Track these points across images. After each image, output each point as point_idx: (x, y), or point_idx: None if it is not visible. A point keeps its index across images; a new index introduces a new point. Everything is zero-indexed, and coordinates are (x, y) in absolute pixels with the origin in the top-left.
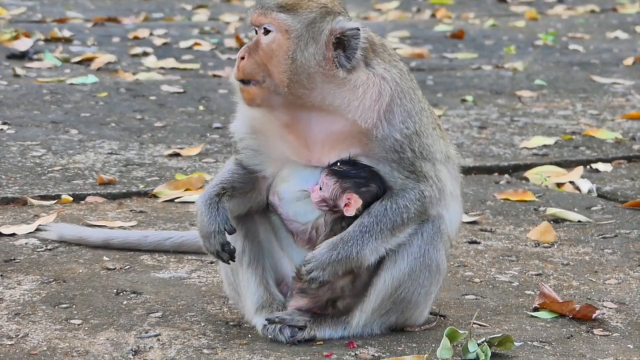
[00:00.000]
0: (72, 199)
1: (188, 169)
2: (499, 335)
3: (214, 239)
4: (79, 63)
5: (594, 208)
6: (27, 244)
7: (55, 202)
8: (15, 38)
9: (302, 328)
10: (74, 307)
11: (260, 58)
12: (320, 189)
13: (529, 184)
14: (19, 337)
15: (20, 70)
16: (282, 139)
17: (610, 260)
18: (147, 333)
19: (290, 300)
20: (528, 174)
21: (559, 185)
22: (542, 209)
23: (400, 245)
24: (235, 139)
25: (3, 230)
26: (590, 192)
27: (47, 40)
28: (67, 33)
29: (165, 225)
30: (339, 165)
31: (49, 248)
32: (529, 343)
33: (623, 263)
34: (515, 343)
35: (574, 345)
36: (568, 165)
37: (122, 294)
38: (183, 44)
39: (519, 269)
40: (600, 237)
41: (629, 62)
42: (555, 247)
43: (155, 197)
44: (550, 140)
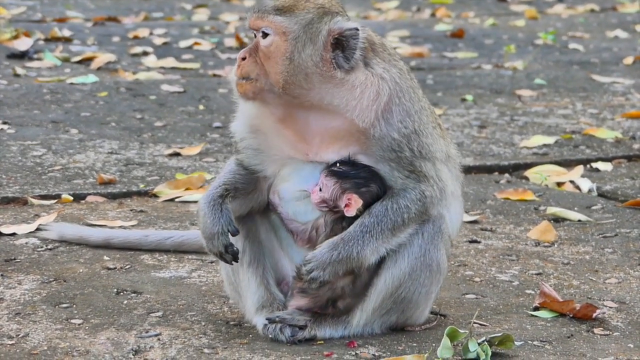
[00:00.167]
0: (72, 199)
1: (188, 169)
2: (500, 335)
3: (217, 241)
4: (79, 62)
5: (594, 207)
6: (27, 244)
7: (56, 201)
8: (16, 37)
9: (302, 327)
10: (75, 306)
11: (260, 60)
12: (320, 190)
13: (529, 183)
14: (20, 336)
15: (21, 70)
16: (279, 134)
17: (611, 260)
18: (147, 333)
19: (291, 300)
20: (528, 173)
21: (559, 185)
22: (542, 208)
23: (401, 245)
24: (236, 139)
25: (3, 230)
26: (591, 191)
27: (47, 40)
28: (67, 32)
29: (166, 225)
30: (339, 166)
31: (50, 248)
32: (530, 342)
33: (623, 262)
34: (516, 342)
35: (575, 345)
36: (568, 165)
37: (122, 294)
38: (183, 44)
39: (520, 269)
40: (601, 236)
41: (629, 61)
42: (556, 246)
43: (156, 196)
44: (550, 140)
